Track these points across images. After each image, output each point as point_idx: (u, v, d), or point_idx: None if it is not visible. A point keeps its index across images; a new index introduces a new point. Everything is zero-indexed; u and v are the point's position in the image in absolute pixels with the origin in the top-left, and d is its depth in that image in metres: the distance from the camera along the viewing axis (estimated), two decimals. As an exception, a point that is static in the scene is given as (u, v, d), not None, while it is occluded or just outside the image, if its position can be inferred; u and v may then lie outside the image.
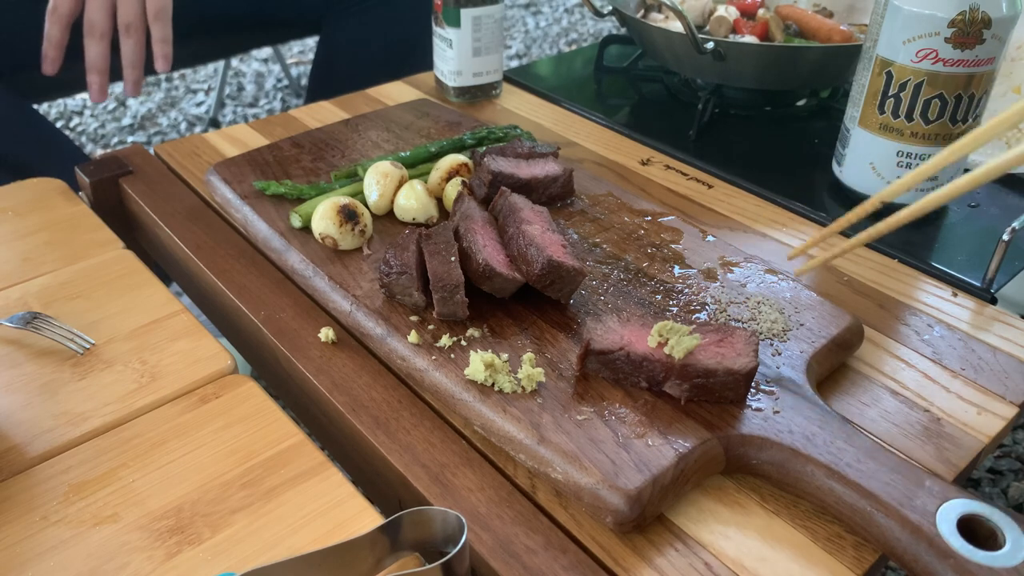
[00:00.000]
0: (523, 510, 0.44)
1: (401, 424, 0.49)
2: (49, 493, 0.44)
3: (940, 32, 0.62)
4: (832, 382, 0.53)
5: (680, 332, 0.47)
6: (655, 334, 0.47)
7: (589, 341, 0.47)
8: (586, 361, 0.48)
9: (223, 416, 0.49)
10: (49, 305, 0.59)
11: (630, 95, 0.96)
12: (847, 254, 0.64)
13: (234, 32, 1.18)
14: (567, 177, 0.66)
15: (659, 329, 0.47)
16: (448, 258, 0.53)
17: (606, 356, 0.47)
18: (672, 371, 0.46)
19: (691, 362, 0.46)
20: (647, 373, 0.47)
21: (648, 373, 0.47)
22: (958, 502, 0.40)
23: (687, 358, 0.46)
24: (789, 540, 0.42)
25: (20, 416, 0.49)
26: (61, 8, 0.79)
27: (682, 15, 0.79)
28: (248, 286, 0.61)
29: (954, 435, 0.49)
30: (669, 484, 0.43)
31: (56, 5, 0.79)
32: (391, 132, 0.79)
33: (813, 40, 0.88)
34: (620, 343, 0.47)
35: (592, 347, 0.47)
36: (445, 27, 0.86)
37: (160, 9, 0.81)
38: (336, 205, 0.59)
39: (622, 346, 0.47)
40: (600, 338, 0.48)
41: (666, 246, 0.61)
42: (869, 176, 0.70)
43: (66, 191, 0.73)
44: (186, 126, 1.88)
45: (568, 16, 2.55)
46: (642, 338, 0.48)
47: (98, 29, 0.79)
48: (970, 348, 0.56)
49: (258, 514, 0.43)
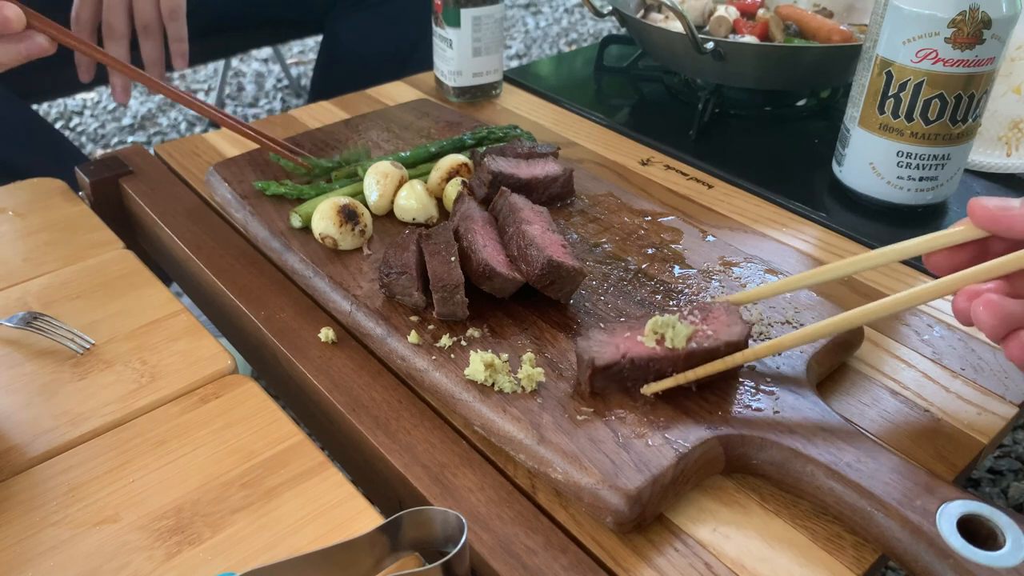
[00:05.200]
0: (523, 510, 0.44)
1: (401, 424, 0.49)
2: (49, 493, 0.44)
3: (940, 32, 0.62)
4: (832, 382, 0.52)
5: (672, 323, 0.47)
6: (649, 333, 0.47)
7: (593, 360, 0.46)
8: (594, 380, 0.47)
9: (223, 416, 0.49)
10: (49, 305, 0.59)
11: (630, 95, 0.96)
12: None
13: (237, 31, 1.19)
14: (567, 177, 0.66)
15: (652, 327, 0.47)
16: (448, 258, 0.53)
17: (610, 369, 0.46)
18: (679, 362, 0.46)
19: (692, 349, 0.46)
20: (655, 372, 0.47)
21: (656, 372, 0.47)
22: (958, 502, 0.40)
23: (687, 347, 0.46)
24: (789, 540, 0.42)
25: (20, 416, 0.49)
26: (83, 16, 0.82)
27: (682, 15, 0.79)
28: (248, 286, 0.61)
29: (954, 435, 0.49)
30: (669, 484, 0.43)
31: (78, 14, 0.81)
32: (391, 132, 0.79)
33: (813, 40, 0.88)
34: (620, 352, 0.47)
35: (598, 365, 0.46)
36: (445, 27, 0.86)
37: (175, 8, 0.83)
38: (336, 205, 0.59)
39: (623, 354, 0.46)
40: (600, 354, 0.46)
41: (666, 246, 0.61)
42: (869, 176, 0.70)
43: (66, 191, 0.73)
44: (186, 126, 1.88)
45: (568, 16, 2.55)
46: (635, 341, 0.47)
47: (117, 32, 0.82)
48: (970, 348, 0.56)
49: (258, 514, 0.43)
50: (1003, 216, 0.43)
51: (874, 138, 0.68)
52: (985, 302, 0.42)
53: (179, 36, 0.85)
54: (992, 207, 0.43)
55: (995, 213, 0.43)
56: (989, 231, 0.44)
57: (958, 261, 0.46)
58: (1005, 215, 0.43)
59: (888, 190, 0.69)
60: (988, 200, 0.44)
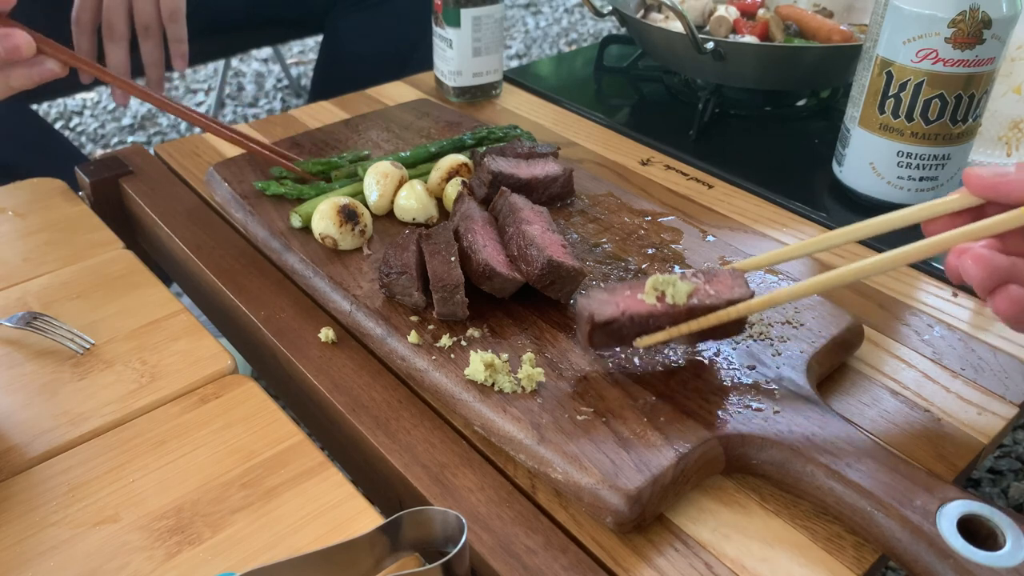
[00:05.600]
0: (523, 510, 0.44)
1: (401, 424, 0.49)
2: (49, 493, 0.44)
3: (940, 32, 0.62)
4: (832, 382, 0.52)
5: (672, 281, 0.47)
6: (650, 290, 0.47)
7: (592, 316, 0.46)
8: (593, 336, 0.47)
9: (223, 416, 0.49)
10: (49, 305, 0.59)
11: (630, 95, 0.96)
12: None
13: (237, 31, 1.19)
14: (567, 177, 0.66)
15: (652, 284, 0.47)
16: (448, 258, 0.53)
17: (610, 326, 0.46)
18: (679, 319, 0.46)
19: (693, 306, 0.46)
20: (654, 330, 0.47)
21: (656, 329, 0.47)
22: (958, 502, 0.40)
23: (688, 303, 0.46)
24: (789, 540, 0.42)
25: (20, 416, 0.49)
26: (83, 18, 0.82)
27: (682, 15, 0.79)
28: (248, 286, 0.61)
29: (954, 435, 0.49)
30: (669, 484, 0.43)
31: (79, 15, 0.81)
32: (391, 132, 0.79)
33: (813, 40, 0.88)
34: (620, 309, 0.47)
35: (597, 320, 0.46)
36: (445, 27, 0.86)
37: (174, 10, 0.83)
38: (336, 205, 0.59)
39: (623, 311, 0.46)
40: (601, 311, 0.47)
41: (666, 246, 0.61)
42: (869, 176, 0.70)
43: (66, 191, 0.73)
44: (186, 126, 1.88)
45: (568, 16, 2.55)
46: (635, 299, 0.47)
47: (117, 33, 0.82)
48: (970, 348, 0.56)
49: (258, 514, 0.43)
50: (999, 183, 0.43)
51: (874, 138, 0.68)
52: (974, 256, 0.42)
53: (179, 37, 0.85)
54: (987, 175, 0.44)
55: (991, 180, 0.44)
56: (985, 198, 0.45)
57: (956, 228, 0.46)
58: (1001, 181, 0.43)
59: (888, 190, 0.69)
60: (983, 169, 0.44)
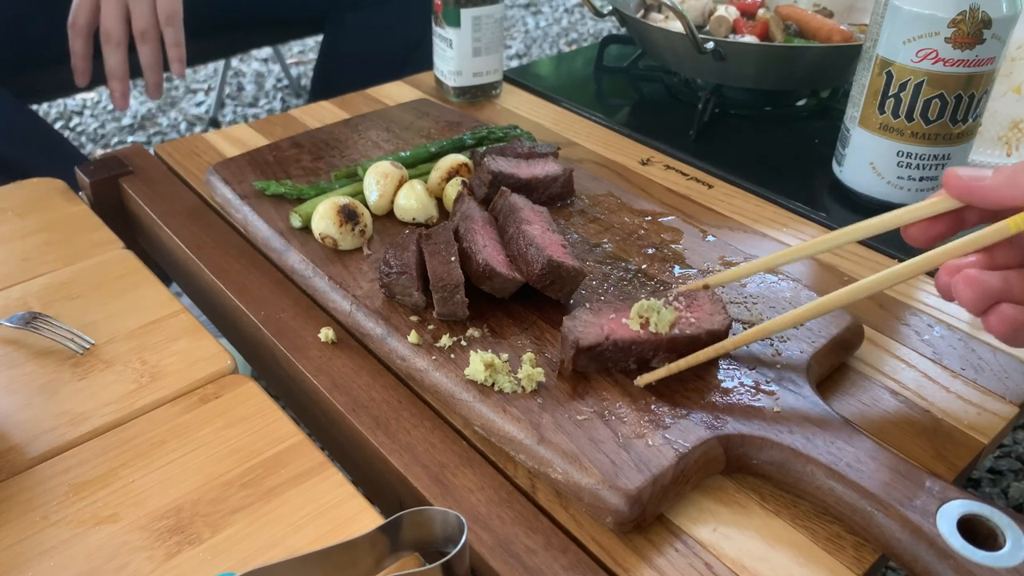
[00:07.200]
0: (523, 510, 0.44)
1: (401, 424, 0.49)
2: (49, 493, 0.44)
3: (940, 32, 0.62)
4: (832, 382, 0.52)
5: (657, 308, 0.48)
6: (635, 316, 0.48)
7: (577, 340, 0.47)
8: (577, 360, 0.48)
9: (223, 416, 0.49)
10: (49, 305, 0.59)
11: (630, 95, 0.96)
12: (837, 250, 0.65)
13: (238, 30, 1.19)
14: (567, 177, 0.66)
15: (638, 310, 0.48)
16: (448, 258, 0.53)
17: (594, 350, 0.47)
18: (661, 346, 0.48)
19: (675, 335, 0.47)
20: (636, 355, 0.48)
21: (638, 355, 0.48)
22: (958, 502, 0.40)
23: (671, 333, 0.47)
24: (789, 540, 0.42)
25: (20, 416, 0.49)
26: (80, 21, 0.82)
27: (682, 15, 0.79)
28: (248, 286, 0.61)
29: (954, 435, 0.49)
30: (669, 484, 0.43)
31: (75, 19, 0.81)
32: (391, 132, 0.79)
33: (813, 40, 0.88)
34: (603, 333, 0.48)
35: (582, 345, 0.47)
36: (445, 27, 0.86)
37: (172, 14, 0.83)
38: (336, 205, 0.59)
39: (607, 335, 0.48)
40: (585, 334, 0.48)
41: (666, 246, 0.61)
42: (869, 176, 0.70)
43: (66, 191, 0.73)
44: (186, 126, 1.88)
45: (568, 16, 2.55)
46: (619, 324, 0.48)
47: (114, 37, 0.82)
48: (970, 348, 0.56)
49: (258, 514, 0.43)
50: (977, 187, 0.44)
51: (874, 138, 0.68)
52: (964, 278, 0.42)
53: (176, 41, 0.85)
54: (965, 178, 0.44)
55: (968, 183, 0.44)
56: (963, 202, 0.45)
57: (935, 232, 0.47)
58: (978, 185, 0.43)
59: (888, 190, 0.69)
60: (962, 170, 0.44)
